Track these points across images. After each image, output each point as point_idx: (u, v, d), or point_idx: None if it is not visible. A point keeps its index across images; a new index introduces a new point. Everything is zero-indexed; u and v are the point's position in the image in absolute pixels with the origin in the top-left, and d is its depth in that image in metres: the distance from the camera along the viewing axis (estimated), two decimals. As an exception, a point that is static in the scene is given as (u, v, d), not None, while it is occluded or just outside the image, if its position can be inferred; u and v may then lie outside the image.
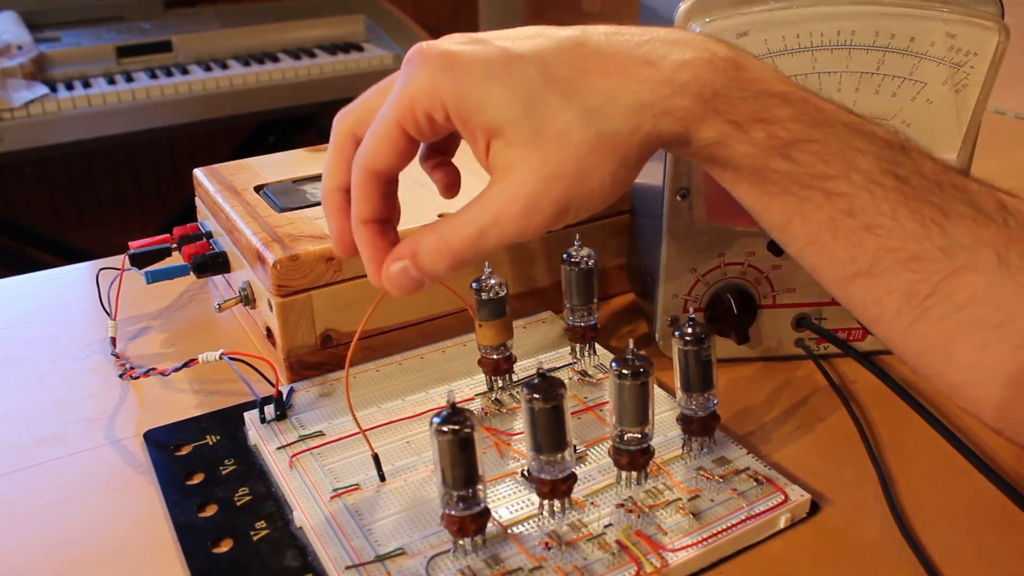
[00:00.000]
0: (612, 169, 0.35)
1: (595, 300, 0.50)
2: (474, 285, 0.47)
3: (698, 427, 0.43)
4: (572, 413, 0.41)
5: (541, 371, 0.37)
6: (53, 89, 1.74)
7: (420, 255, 0.37)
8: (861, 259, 0.35)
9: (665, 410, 0.48)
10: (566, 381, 0.41)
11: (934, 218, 0.35)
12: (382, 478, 0.43)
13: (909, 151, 0.36)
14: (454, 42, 0.36)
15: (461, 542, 0.37)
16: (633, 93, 0.34)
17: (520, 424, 0.46)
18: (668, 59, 0.35)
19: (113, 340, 0.58)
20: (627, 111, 0.34)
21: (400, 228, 0.52)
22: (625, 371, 0.39)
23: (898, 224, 0.35)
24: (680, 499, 0.41)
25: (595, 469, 0.43)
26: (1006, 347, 0.34)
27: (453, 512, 0.36)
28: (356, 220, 0.38)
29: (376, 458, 0.43)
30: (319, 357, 0.52)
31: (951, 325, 0.35)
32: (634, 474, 0.41)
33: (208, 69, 1.89)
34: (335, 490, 0.42)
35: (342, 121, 0.39)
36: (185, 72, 1.87)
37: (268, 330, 0.53)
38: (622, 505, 0.40)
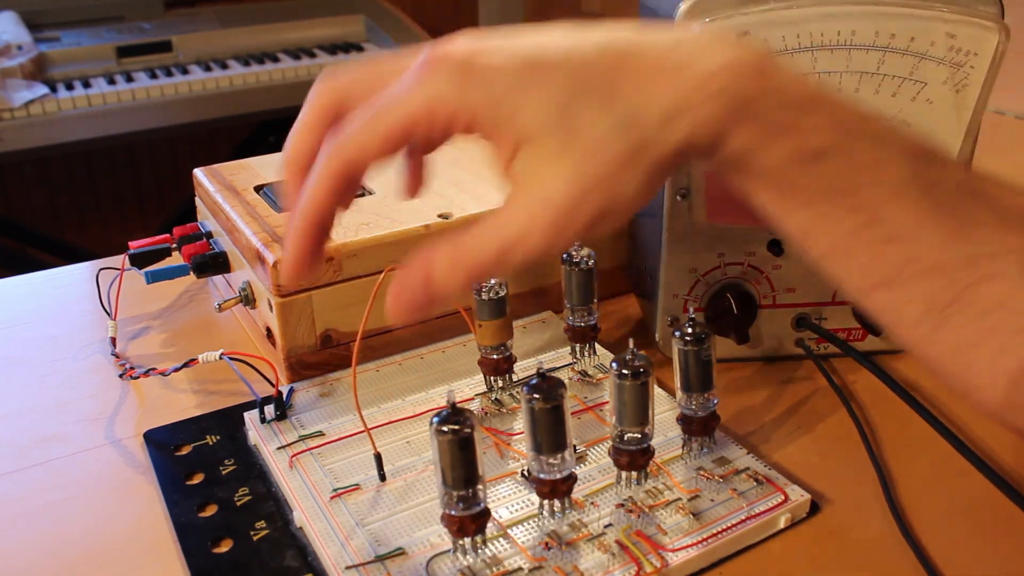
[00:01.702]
0: (645, 179, 0.34)
1: (595, 300, 0.50)
2: (474, 285, 0.47)
3: (698, 427, 0.43)
4: (572, 413, 0.41)
5: (541, 371, 0.37)
6: (53, 89, 1.74)
7: (434, 271, 0.34)
8: (882, 270, 0.35)
9: (665, 410, 0.48)
10: (566, 381, 0.41)
11: (959, 228, 0.34)
12: (382, 478, 0.43)
13: (937, 159, 0.35)
14: (477, 46, 0.34)
15: (461, 542, 0.37)
16: (666, 101, 0.33)
17: (520, 424, 0.46)
18: (699, 65, 0.34)
19: (113, 340, 0.58)
20: (661, 120, 0.33)
21: (398, 229, 0.53)
22: (625, 371, 0.39)
23: (922, 235, 0.34)
24: (680, 499, 0.41)
25: (595, 469, 0.43)
26: None
27: (453, 512, 0.36)
28: (307, 213, 0.35)
29: (378, 457, 0.43)
30: (319, 357, 0.52)
31: (972, 332, 0.35)
32: (634, 474, 0.41)
33: (208, 69, 1.89)
34: (335, 490, 0.42)
35: (329, 88, 0.36)
36: (185, 72, 1.87)
37: (268, 330, 0.53)
38: (622, 505, 0.40)
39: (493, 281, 0.47)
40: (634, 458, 0.41)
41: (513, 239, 0.33)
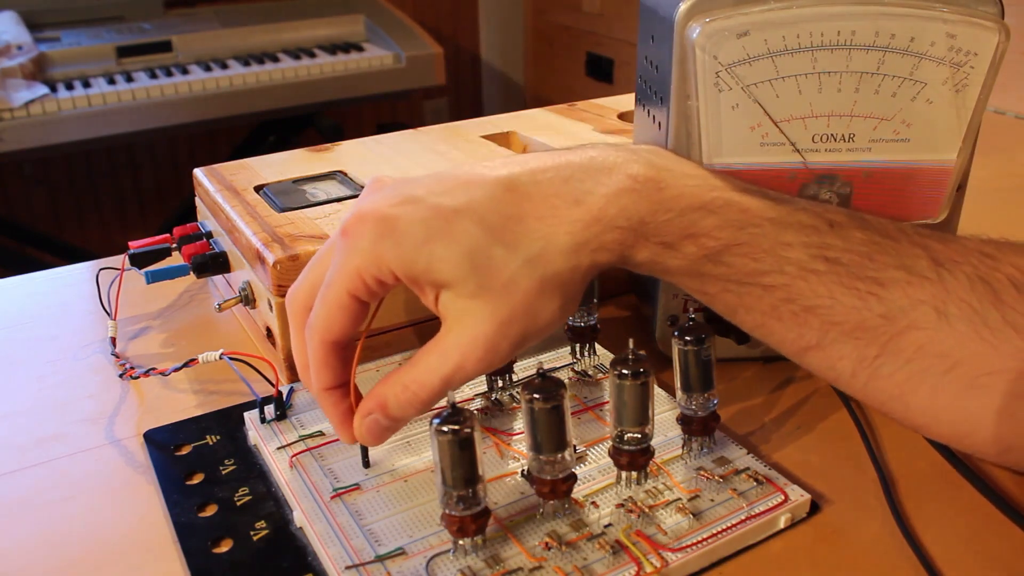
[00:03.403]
0: (559, 304, 0.37)
1: (595, 300, 0.50)
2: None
3: (698, 427, 0.43)
4: (572, 413, 0.41)
5: (541, 371, 0.37)
6: (53, 89, 1.74)
7: (389, 407, 0.38)
8: (809, 335, 0.38)
9: (665, 410, 0.48)
10: (566, 381, 0.41)
11: (870, 290, 0.37)
12: (366, 464, 0.43)
13: (837, 228, 0.38)
14: (387, 203, 0.37)
15: (461, 542, 0.37)
16: (569, 235, 0.37)
17: (520, 424, 0.46)
18: (594, 195, 0.37)
19: (113, 340, 0.58)
20: (565, 253, 0.37)
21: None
22: (625, 371, 0.39)
23: (836, 302, 0.37)
24: (680, 499, 0.41)
25: (595, 469, 0.43)
26: (957, 388, 0.37)
27: (453, 512, 0.36)
28: (319, 389, 0.39)
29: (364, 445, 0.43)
30: (319, 357, 0.52)
31: (903, 378, 0.38)
32: (634, 474, 0.41)
33: (208, 69, 1.89)
34: (335, 490, 0.42)
35: (294, 300, 0.41)
36: (185, 72, 1.87)
37: (268, 330, 0.53)
38: (622, 505, 0.40)
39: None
40: (634, 458, 0.41)
41: (450, 372, 0.37)
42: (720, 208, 0.38)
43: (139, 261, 0.59)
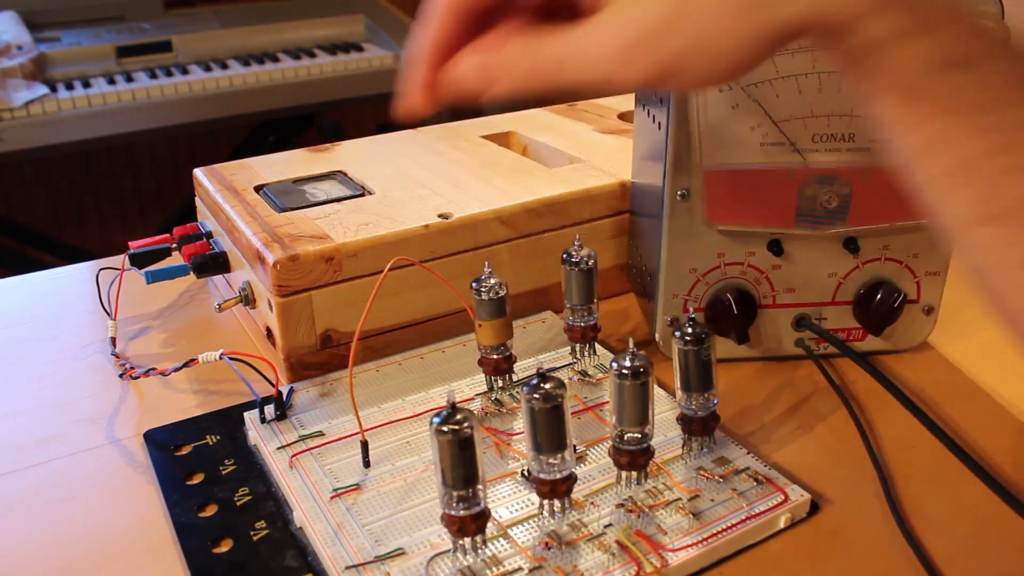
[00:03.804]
0: (749, 38, 0.30)
1: (595, 300, 0.50)
2: (474, 285, 0.47)
3: (698, 427, 0.43)
4: (572, 413, 0.41)
5: (541, 371, 0.37)
6: (53, 89, 1.74)
7: (504, 51, 0.33)
8: (997, 202, 0.31)
9: (665, 410, 0.48)
10: (566, 381, 0.41)
11: None
12: (367, 464, 0.43)
13: None
14: None
15: (461, 542, 0.37)
16: None
17: (520, 424, 0.46)
18: None
19: (113, 340, 0.58)
20: None
21: (399, 229, 0.53)
22: (625, 371, 0.39)
23: None
24: (680, 499, 0.41)
25: (595, 469, 0.43)
26: None
27: (453, 512, 0.36)
28: (425, 48, 0.35)
29: (364, 444, 0.43)
30: (319, 357, 0.52)
31: None
32: (634, 474, 0.41)
33: (208, 69, 1.89)
34: (335, 490, 0.42)
35: None
36: (185, 72, 1.87)
37: (268, 330, 0.53)
38: (622, 505, 0.40)
39: (493, 281, 0.47)
40: (634, 458, 0.41)
41: (573, 52, 0.31)
42: (968, 18, 0.30)
43: (139, 261, 0.59)
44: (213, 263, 0.58)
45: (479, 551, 0.38)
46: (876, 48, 0.30)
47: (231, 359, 0.49)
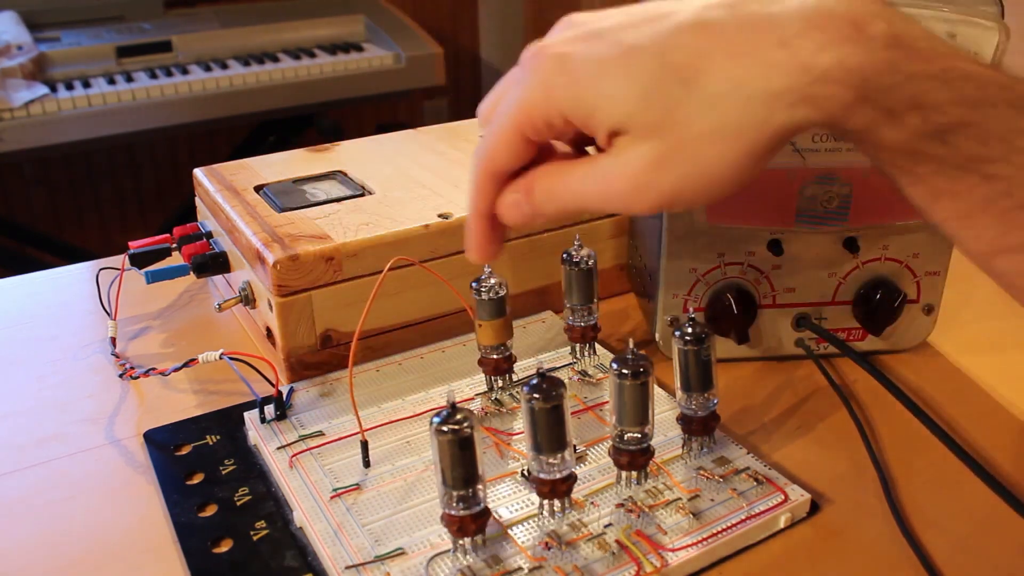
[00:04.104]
0: (734, 160, 0.33)
1: (595, 300, 0.50)
2: (474, 285, 0.47)
3: (698, 427, 0.43)
4: (572, 413, 0.41)
5: (541, 371, 0.37)
6: (53, 89, 1.74)
7: (535, 192, 0.37)
8: (1013, 236, 0.33)
9: (665, 410, 0.48)
10: (566, 381, 0.41)
11: None
12: (367, 464, 0.43)
13: None
14: (569, 39, 0.35)
15: (461, 542, 0.37)
16: (763, 79, 0.32)
17: (520, 424, 0.46)
18: (805, 40, 0.31)
19: (113, 340, 0.58)
20: (755, 100, 0.32)
21: (398, 229, 0.53)
22: (625, 371, 0.39)
23: None
24: (680, 499, 0.41)
25: (595, 469, 0.43)
26: None
27: (453, 512, 0.36)
28: (474, 213, 0.39)
29: (364, 444, 0.43)
30: (319, 357, 0.52)
31: None
32: (634, 474, 0.41)
33: (208, 69, 1.89)
34: (335, 490, 0.42)
35: (481, 115, 0.39)
36: (185, 72, 1.87)
37: (268, 330, 0.53)
38: (622, 505, 0.40)
39: (493, 281, 0.47)
40: (634, 458, 0.41)
41: (592, 194, 0.35)
42: (956, 80, 0.32)
43: (139, 261, 0.59)
44: (213, 263, 0.58)
45: (479, 551, 0.38)
46: (862, 134, 0.33)
47: (231, 359, 0.49)
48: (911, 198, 0.35)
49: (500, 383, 0.49)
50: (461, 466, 0.35)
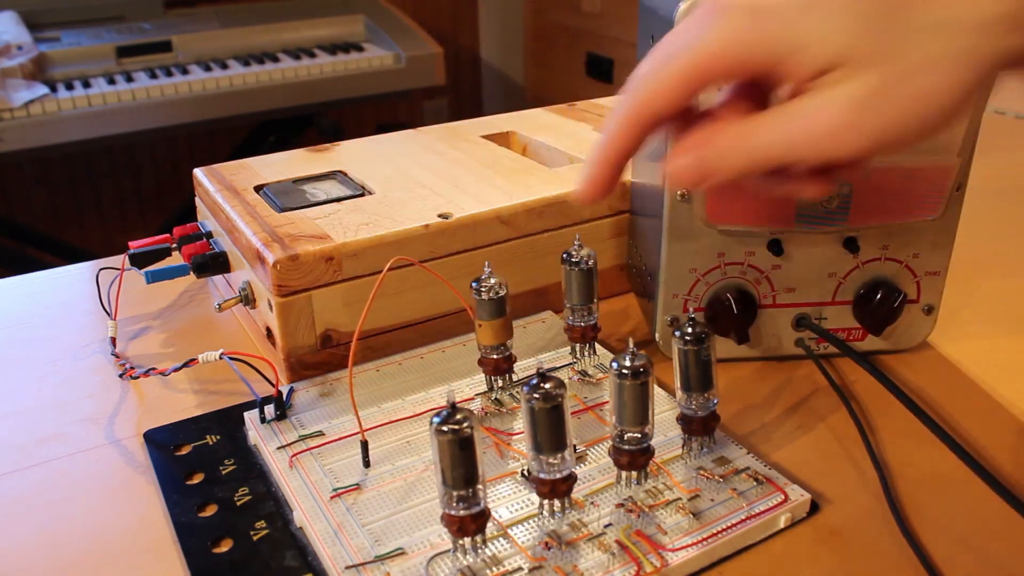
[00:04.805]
0: (951, 92, 0.31)
1: (595, 300, 0.50)
2: (474, 285, 0.47)
3: (698, 427, 0.43)
4: (572, 413, 0.41)
5: (541, 371, 0.37)
6: (53, 89, 1.74)
7: (711, 147, 0.34)
8: None
9: (665, 410, 0.48)
10: (566, 381, 0.41)
11: None
12: (367, 464, 0.43)
13: None
14: None
15: (461, 542, 0.37)
16: (977, 6, 0.30)
17: (520, 424, 0.46)
18: None
19: (113, 340, 0.58)
20: (976, 27, 0.30)
21: (398, 229, 0.53)
22: (625, 371, 0.39)
23: None
24: (680, 499, 0.41)
25: (595, 469, 0.43)
26: None
27: (453, 512, 0.36)
28: (603, 153, 0.37)
29: (364, 444, 0.43)
30: (319, 357, 0.52)
31: None
32: (634, 474, 0.41)
33: (208, 69, 1.89)
34: (335, 490, 0.42)
35: (636, 77, 0.37)
36: (185, 72, 1.87)
37: (268, 330, 0.53)
38: (622, 505, 0.40)
39: (493, 281, 0.47)
40: (634, 458, 0.41)
41: (797, 132, 0.33)
42: None
43: (139, 261, 0.59)
44: (213, 263, 0.58)
45: (479, 551, 0.38)
46: None
47: (231, 359, 0.49)
48: None
49: (500, 383, 0.49)
50: (461, 466, 0.35)
